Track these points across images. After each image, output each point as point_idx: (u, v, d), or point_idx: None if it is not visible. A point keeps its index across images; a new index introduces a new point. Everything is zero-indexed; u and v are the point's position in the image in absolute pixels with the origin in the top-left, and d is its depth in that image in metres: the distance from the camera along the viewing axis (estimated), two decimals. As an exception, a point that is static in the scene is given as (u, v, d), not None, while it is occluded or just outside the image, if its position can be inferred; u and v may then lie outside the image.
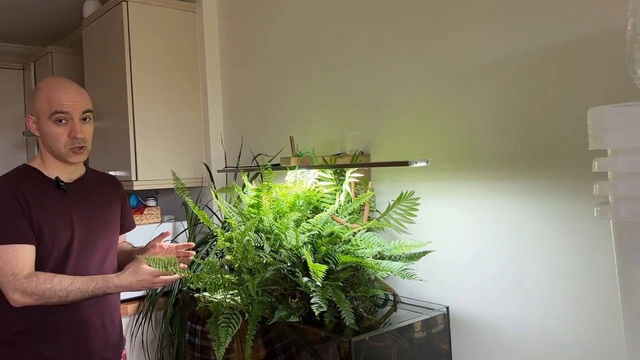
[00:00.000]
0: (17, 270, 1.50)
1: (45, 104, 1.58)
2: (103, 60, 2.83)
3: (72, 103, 1.58)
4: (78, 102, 1.60)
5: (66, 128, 1.58)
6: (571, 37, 1.40)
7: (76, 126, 1.58)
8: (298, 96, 2.30)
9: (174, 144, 2.71)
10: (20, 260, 1.52)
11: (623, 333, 0.95)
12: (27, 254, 1.53)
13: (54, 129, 1.58)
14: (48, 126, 1.58)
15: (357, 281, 1.68)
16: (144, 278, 1.54)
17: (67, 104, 1.58)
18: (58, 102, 1.57)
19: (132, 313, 2.48)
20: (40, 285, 1.50)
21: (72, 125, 1.58)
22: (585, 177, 1.29)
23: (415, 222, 1.79)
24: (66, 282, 1.51)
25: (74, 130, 1.58)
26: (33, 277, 1.50)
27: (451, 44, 1.70)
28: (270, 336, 1.72)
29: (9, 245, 1.51)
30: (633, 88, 0.95)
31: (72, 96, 1.59)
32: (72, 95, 1.60)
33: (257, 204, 1.73)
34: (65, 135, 1.58)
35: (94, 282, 1.53)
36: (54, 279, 1.51)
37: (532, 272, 1.52)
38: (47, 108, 1.58)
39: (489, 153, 1.61)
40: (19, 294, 1.50)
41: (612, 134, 0.88)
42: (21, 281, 1.50)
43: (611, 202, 0.90)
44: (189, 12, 2.78)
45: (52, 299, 1.51)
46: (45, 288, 1.50)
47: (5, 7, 3.44)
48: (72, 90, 1.61)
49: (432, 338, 1.68)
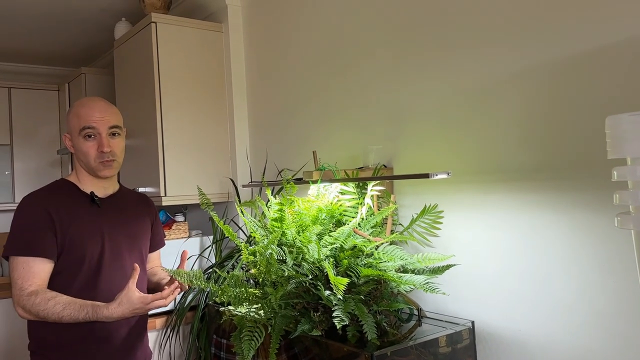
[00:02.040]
0: (26, 286, 1.55)
1: (75, 120, 1.65)
2: (133, 80, 2.92)
3: (99, 118, 1.65)
4: (104, 117, 1.66)
5: (95, 143, 1.64)
6: (590, 48, 1.39)
7: (103, 140, 1.64)
8: (322, 111, 2.33)
9: (201, 160, 2.76)
10: (31, 275, 1.56)
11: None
12: (41, 269, 1.57)
13: (84, 144, 1.64)
14: (79, 142, 1.65)
15: (380, 295, 1.68)
16: (136, 307, 1.49)
17: (94, 120, 1.64)
18: (86, 118, 1.64)
19: (160, 327, 2.51)
20: (35, 306, 1.52)
21: (99, 139, 1.64)
22: (609, 187, 1.27)
23: (439, 236, 1.78)
24: (59, 307, 1.51)
25: (101, 144, 1.64)
26: (33, 295, 1.53)
27: (472, 57, 1.70)
28: (295, 351, 1.72)
29: (24, 258, 1.56)
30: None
31: (100, 112, 1.66)
32: (100, 111, 1.66)
33: (280, 218, 1.75)
34: (94, 149, 1.64)
35: (84, 311, 1.51)
36: (48, 302, 1.52)
37: (558, 286, 1.49)
38: (77, 124, 1.65)
39: (512, 165, 1.60)
40: (21, 309, 1.55)
41: (631, 142, 0.86)
42: (24, 297, 1.54)
43: (632, 212, 0.88)
44: (216, 32, 2.84)
45: (48, 320, 1.53)
46: (39, 310, 1.52)
47: (41, 30, 3.58)
48: (100, 106, 1.68)
49: (458, 353, 1.66)
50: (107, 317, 1.50)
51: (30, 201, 1.63)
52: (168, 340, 2.52)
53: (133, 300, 1.48)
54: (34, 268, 1.56)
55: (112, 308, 1.49)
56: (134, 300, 1.49)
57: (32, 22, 3.43)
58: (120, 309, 1.48)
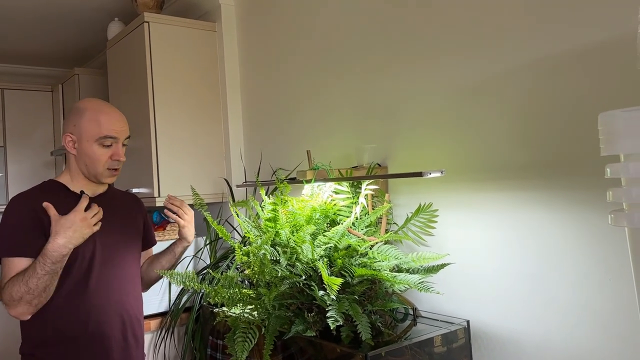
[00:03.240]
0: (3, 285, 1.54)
1: (94, 126, 1.63)
2: (126, 80, 2.90)
3: (120, 129, 1.67)
4: (123, 128, 1.69)
5: (109, 150, 1.65)
6: (581, 44, 1.38)
7: (119, 150, 1.67)
8: (316, 111, 2.32)
9: (195, 161, 2.75)
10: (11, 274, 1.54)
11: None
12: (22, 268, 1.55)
13: (98, 150, 1.64)
14: (91, 147, 1.64)
15: (375, 295, 1.67)
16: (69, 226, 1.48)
17: (116, 130, 1.66)
18: (109, 128, 1.64)
19: (155, 329, 2.50)
20: (7, 291, 1.50)
21: (116, 149, 1.66)
22: (602, 184, 1.26)
23: (434, 235, 1.77)
24: (20, 276, 1.49)
25: (117, 153, 1.66)
26: (4, 288, 1.52)
27: (465, 56, 1.69)
28: (291, 351, 1.71)
29: (12, 259, 1.55)
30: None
31: (120, 122, 1.68)
32: (120, 121, 1.68)
33: (273, 218, 1.74)
34: (107, 157, 1.65)
35: (37, 265, 1.47)
36: (15, 281, 1.50)
37: (553, 284, 1.48)
38: (96, 131, 1.63)
39: (506, 163, 1.59)
40: (6, 308, 1.54)
41: (624, 139, 0.86)
42: (2, 294, 1.53)
43: (625, 209, 0.87)
44: (209, 31, 2.83)
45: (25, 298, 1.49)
46: (13, 293, 1.49)
47: (34, 31, 3.57)
48: (120, 116, 1.70)
49: (453, 353, 1.65)
50: (52, 249, 1.46)
51: (19, 201, 1.62)
52: (163, 341, 2.51)
53: (63, 222, 1.48)
54: (19, 268, 1.55)
55: (53, 241, 1.47)
56: (64, 222, 1.48)
57: (25, 23, 3.41)
58: (58, 237, 1.47)
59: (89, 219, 1.53)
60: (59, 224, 1.49)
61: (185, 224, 1.85)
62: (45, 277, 1.49)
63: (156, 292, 2.47)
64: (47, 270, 1.48)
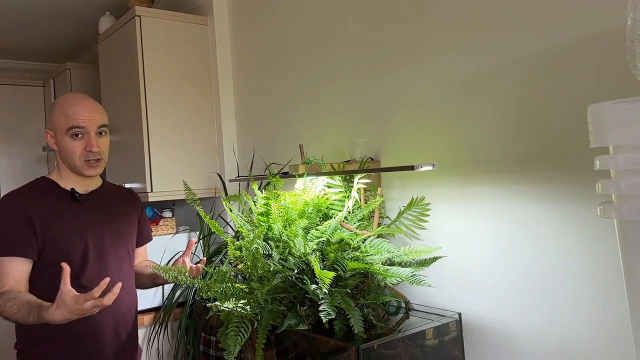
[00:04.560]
0: (0, 286, 1.53)
1: (62, 119, 1.61)
2: (118, 74, 2.88)
3: (87, 118, 1.61)
4: (93, 117, 1.63)
5: (82, 142, 1.61)
6: (571, 37, 1.38)
7: (92, 140, 1.61)
8: (309, 105, 2.31)
9: (188, 155, 2.74)
10: (6, 275, 1.54)
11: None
12: (15, 268, 1.55)
13: (70, 143, 1.61)
14: (65, 140, 1.61)
15: (367, 288, 1.67)
16: (72, 309, 1.37)
17: (83, 119, 1.61)
18: (74, 117, 1.60)
19: (149, 323, 2.49)
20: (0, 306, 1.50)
21: (88, 139, 1.62)
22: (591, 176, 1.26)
23: (426, 228, 1.78)
24: (14, 309, 1.46)
25: (89, 144, 1.61)
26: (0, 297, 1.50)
27: (456, 50, 1.69)
28: (284, 346, 1.71)
29: (1, 258, 1.55)
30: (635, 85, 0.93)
31: (88, 111, 1.62)
32: (88, 110, 1.63)
33: (266, 212, 1.74)
34: (81, 148, 1.61)
35: (32, 314, 1.44)
36: (7, 303, 1.48)
37: (545, 276, 1.49)
38: (64, 123, 1.61)
39: (498, 156, 1.59)
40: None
41: (613, 130, 0.86)
42: None
43: (614, 201, 0.88)
44: (201, 25, 2.81)
45: (11, 321, 1.49)
46: (1, 310, 1.49)
47: (25, 26, 3.54)
48: (88, 105, 1.64)
49: (445, 345, 1.66)
50: (50, 321, 1.40)
51: (8, 200, 1.61)
52: (156, 336, 2.50)
53: (67, 302, 1.37)
54: (8, 268, 1.54)
55: (51, 312, 1.38)
56: (67, 301, 1.37)
57: (15, 17, 3.38)
58: (58, 311, 1.38)
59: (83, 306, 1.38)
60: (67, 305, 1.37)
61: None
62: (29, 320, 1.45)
63: (149, 287, 2.47)
64: (37, 321, 1.43)
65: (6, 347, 1.74)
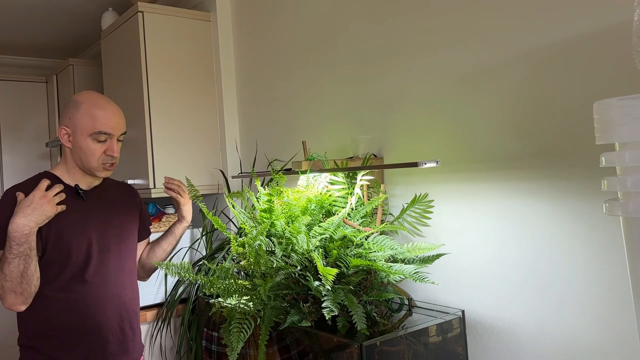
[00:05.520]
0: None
1: (89, 121, 1.61)
2: (121, 70, 2.88)
3: (115, 125, 1.64)
4: (119, 124, 1.65)
5: (103, 146, 1.63)
6: (576, 34, 1.37)
7: (114, 146, 1.64)
8: (312, 101, 2.31)
9: (190, 152, 2.74)
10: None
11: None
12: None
13: (92, 145, 1.62)
14: (85, 141, 1.61)
15: (370, 285, 1.67)
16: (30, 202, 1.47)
17: (112, 126, 1.63)
18: (103, 123, 1.61)
19: (151, 320, 2.50)
20: None
21: (110, 144, 1.63)
22: (597, 173, 1.26)
23: (429, 225, 1.77)
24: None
25: (111, 149, 1.63)
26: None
27: (460, 45, 1.68)
28: (287, 342, 1.71)
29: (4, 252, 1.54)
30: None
31: (116, 118, 1.65)
32: (117, 117, 1.65)
33: (269, 209, 1.73)
34: (101, 151, 1.63)
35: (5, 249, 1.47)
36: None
37: (548, 273, 1.49)
38: (90, 125, 1.61)
39: (502, 153, 1.59)
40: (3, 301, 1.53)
41: (619, 127, 0.85)
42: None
43: (620, 198, 0.87)
44: (204, 21, 2.81)
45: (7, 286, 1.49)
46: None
47: (28, 22, 3.53)
48: (116, 111, 1.67)
49: (448, 342, 1.65)
50: (15, 231, 1.45)
51: (11, 195, 1.60)
52: (159, 332, 2.51)
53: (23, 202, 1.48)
54: None
55: (12, 221, 1.46)
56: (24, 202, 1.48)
57: (18, 13, 3.37)
58: (17, 216, 1.46)
59: (49, 197, 1.51)
60: (19, 205, 1.49)
61: (185, 201, 1.86)
62: (15, 261, 1.47)
63: (152, 283, 2.47)
64: (15, 254, 1.46)
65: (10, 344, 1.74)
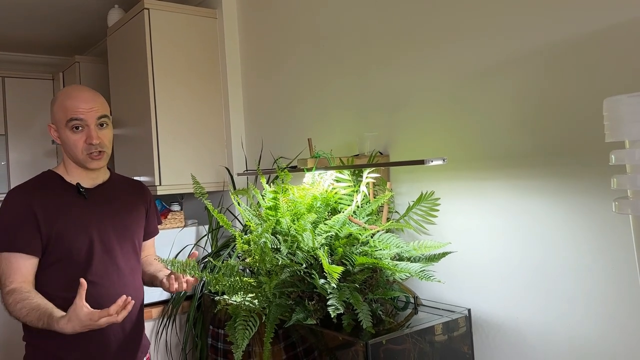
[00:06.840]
0: (7, 282, 1.53)
1: (61, 112, 1.60)
2: (126, 67, 2.88)
3: (86, 109, 1.59)
4: (92, 108, 1.60)
5: (82, 135, 1.60)
6: (586, 31, 1.36)
7: (92, 132, 1.59)
8: (317, 99, 2.30)
9: (196, 149, 2.74)
10: (12, 271, 1.53)
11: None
12: (22, 264, 1.54)
13: (71, 136, 1.60)
14: (66, 134, 1.60)
15: (376, 283, 1.66)
16: (84, 324, 1.39)
17: (81, 111, 1.58)
18: (73, 110, 1.58)
19: (157, 317, 2.50)
20: (8, 306, 1.50)
21: (88, 131, 1.59)
22: (607, 171, 1.24)
23: (435, 223, 1.76)
24: (24, 312, 1.47)
25: (89, 136, 1.59)
26: (9, 295, 1.51)
27: (467, 43, 1.67)
28: (292, 340, 1.71)
29: (6, 254, 1.54)
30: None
31: (87, 103, 1.60)
32: (87, 101, 1.60)
33: (274, 206, 1.73)
34: (82, 141, 1.60)
35: (41, 321, 1.44)
36: (17, 305, 1.48)
37: (556, 272, 1.47)
38: (63, 116, 1.60)
39: (509, 151, 1.57)
40: (3, 306, 1.53)
41: (629, 124, 0.84)
42: (4, 295, 1.52)
43: (630, 196, 0.86)
44: (210, 18, 2.80)
45: (19, 320, 1.50)
46: (10, 310, 1.50)
47: (34, 19, 3.54)
48: (87, 96, 1.62)
49: (454, 341, 1.64)
50: (59, 331, 1.41)
51: (14, 195, 1.60)
52: (165, 329, 2.51)
53: (81, 317, 1.38)
54: (14, 264, 1.53)
55: (62, 323, 1.39)
56: (81, 316, 1.38)
57: (25, 10, 3.38)
58: (70, 324, 1.39)
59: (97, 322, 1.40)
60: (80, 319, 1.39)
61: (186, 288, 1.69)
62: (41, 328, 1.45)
63: (157, 280, 2.47)
64: (45, 328, 1.44)
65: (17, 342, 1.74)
